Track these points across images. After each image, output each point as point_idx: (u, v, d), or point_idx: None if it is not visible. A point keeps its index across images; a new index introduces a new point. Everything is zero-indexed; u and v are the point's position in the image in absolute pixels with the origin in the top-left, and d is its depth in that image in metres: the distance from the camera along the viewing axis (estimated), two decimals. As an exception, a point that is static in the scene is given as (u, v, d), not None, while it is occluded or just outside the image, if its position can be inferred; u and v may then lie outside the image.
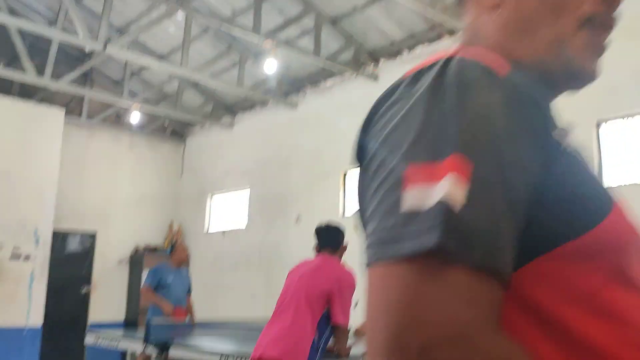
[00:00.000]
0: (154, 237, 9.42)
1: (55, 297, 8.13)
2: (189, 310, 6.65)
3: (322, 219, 7.18)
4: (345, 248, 3.67)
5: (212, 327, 6.22)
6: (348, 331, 3.50)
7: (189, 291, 6.64)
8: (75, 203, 8.64)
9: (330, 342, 3.48)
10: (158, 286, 6.28)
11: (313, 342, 3.13)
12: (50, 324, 7.89)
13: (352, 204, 7.09)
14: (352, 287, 3.36)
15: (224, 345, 4.23)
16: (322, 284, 3.26)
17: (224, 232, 8.79)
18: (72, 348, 8.35)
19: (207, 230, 9.20)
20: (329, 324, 3.24)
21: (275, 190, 8.04)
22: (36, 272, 7.59)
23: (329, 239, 3.63)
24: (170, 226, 9.54)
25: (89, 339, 5.55)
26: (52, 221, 7.84)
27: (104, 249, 8.85)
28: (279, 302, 3.34)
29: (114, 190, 9.10)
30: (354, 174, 5.50)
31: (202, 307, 7.89)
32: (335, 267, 3.45)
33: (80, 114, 8.77)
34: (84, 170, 8.80)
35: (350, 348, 3.63)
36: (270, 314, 3.35)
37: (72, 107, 8.68)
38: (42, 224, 7.71)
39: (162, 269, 6.38)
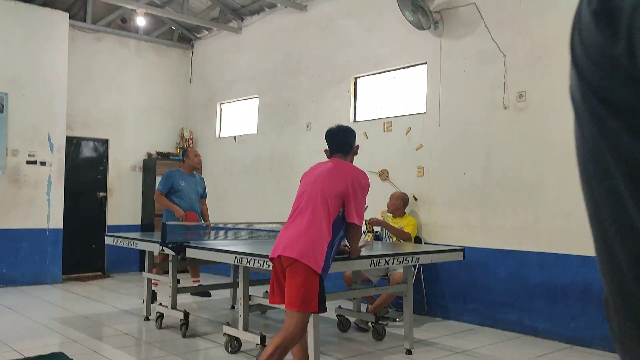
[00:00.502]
0: (166, 143, 9.52)
1: (73, 201, 8.40)
2: (204, 214, 6.84)
3: (333, 124, 7.20)
4: (356, 151, 3.66)
5: (225, 230, 6.44)
6: (361, 231, 3.56)
7: (203, 196, 6.80)
8: (86, 110, 8.68)
9: (343, 242, 3.60)
10: (171, 191, 6.44)
11: (332, 241, 3.21)
12: (70, 226, 8.21)
13: (362, 110, 7.06)
14: (366, 188, 3.39)
15: (237, 247, 4.40)
16: (338, 184, 3.27)
17: (235, 137, 8.85)
18: (92, 248, 8.74)
19: (219, 136, 9.27)
20: (344, 225, 3.31)
21: (285, 98, 7.98)
22: (53, 177, 7.80)
23: (340, 142, 3.59)
24: (182, 133, 9.61)
25: (109, 240, 5.79)
26: (64, 127, 7.94)
27: (117, 156, 9.00)
28: (295, 205, 3.38)
29: (123, 98, 9.09)
30: (367, 80, 5.48)
31: (215, 212, 8.12)
32: (350, 167, 3.45)
33: (84, 19, 8.57)
34: (93, 77, 8.75)
35: (361, 248, 3.75)
36: (281, 218, 3.45)
37: (75, 11, 8.47)
38: (54, 130, 7.81)
39: (174, 175, 6.50)
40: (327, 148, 3.65)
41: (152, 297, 5.86)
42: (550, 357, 4.46)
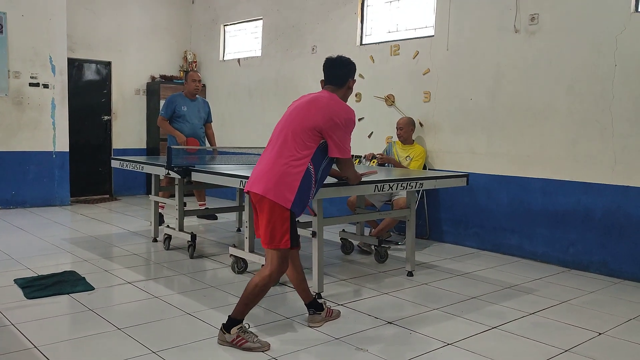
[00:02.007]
0: (169, 66, 9.38)
1: (78, 124, 8.40)
2: (209, 138, 6.82)
3: (339, 48, 7.05)
4: (351, 85, 3.44)
5: (231, 155, 6.46)
6: (351, 161, 3.43)
7: (208, 120, 6.75)
8: (87, 31, 8.49)
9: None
10: (173, 116, 6.40)
11: (309, 175, 3.04)
12: (76, 149, 8.26)
13: (369, 33, 6.87)
14: (349, 123, 3.22)
15: (242, 171, 4.43)
16: (313, 117, 3.09)
17: (239, 59, 8.69)
18: (99, 171, 8.82)
19: (223, 59, 9.10)
20: (326, 157, 3.16)
21: (290, 19, 7.76)
22: (57, 100, 7.75)
23: (334, 74, 3.36)
24: (185, 55, 9.43)
25: (115, 164, 5.82)
26: (65, 49, 7.79)
27: (120, 79, 8.89)
28: (271, 135, 3.26)
29: (125, 19, 8.86)
30: (374, 1, 5.29)
31: (219, 136, 8.12)
32: (331, 101, 3.21)
33: None
34: (92, -4, 8.51)
35: (361, 176, 3.74)
36: None
37: None
38: (55, 51, 7.68)
39: (176, 100, 6.43)
40: (325, 80, 3.43)
41: (160, 219, 5.97)
42: (547, 279, 4.58)
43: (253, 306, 3.08)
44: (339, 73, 3.37)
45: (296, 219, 3.11)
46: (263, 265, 3.28)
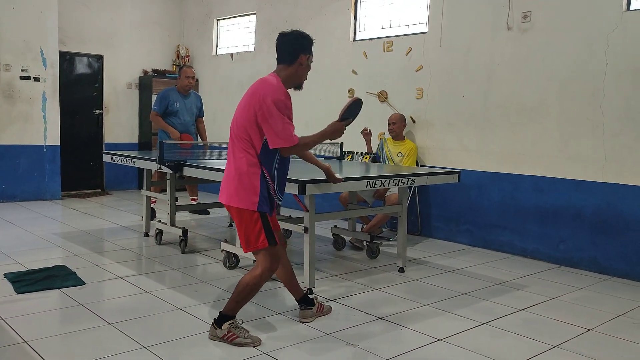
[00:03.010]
0: (162, 60, 9.33)
1: (69, 118, 8.35)
2: (201, 132, 6.79)
3: (332, 44, 7.04)
4: (302, 62, 3.13)
5: (222, 150, 6.44)
6: (302, 145, 3.05)
7: (200, 114, 6.71)
8: (79, 25, 8.43)
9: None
10: (166, 112, 6.34)
11: (264, 175, 2.93)
12: (68, 143, 8.21)
13: (362, 29, 6.86)
14: (279, 104, 2.89)
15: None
16: (245, 112, 2.93)
17: (232, 54, 8.66)
18: (91, 166, 8.78)
19: (216, 53, 9.06)
20: (279, 150, 2.97)
21: (283, 14, 7.74)
22: (48, 93, 7.70)
23: (282, 49, 3.07)
24: (177, 50, 9.39)
25: (107, 158, 5.80)
26: (56, 42, 7.74)
27: (112, 72, 8.83)
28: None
29: (117, 12, 8.81)
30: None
31: (211, 131, 8.09)
32: (259, 87, 2.96)
33: None
34: (84, -12, 8.44)
35: (316, 160, 3.47)
36: None
37: None
38: (46, 44, 7.62)
39: (169, 95, 6.37)
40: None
41: (151, 214, 5.95)
42: (537, 276, 4.61)
43: (244, 304, 3.08)
44: (288, 49, 3.08)
45: (270, 216, 3.02)
46: (254, 261, 3.27)
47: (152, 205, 6.22)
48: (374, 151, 6.07)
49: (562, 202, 5.01)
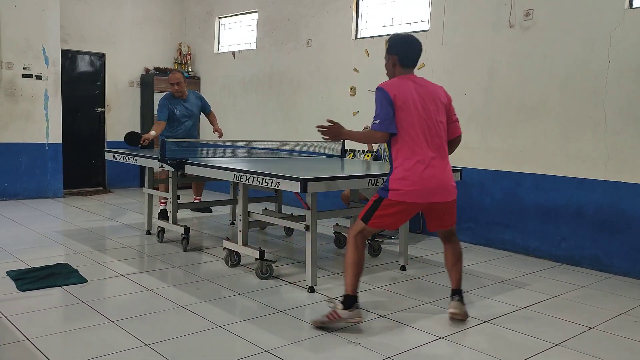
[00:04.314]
0: (163, 58, 9.34)
1: (71, 116, 8.36)
2: (213, 124, 6.61)
3: (334, 42, 7.04)
4: (389, 61, 3.51)
5: (224, 148, 6.45)
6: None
7: (207, 111, 6.55)
8: (81, 23, 8.44)
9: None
10: (169, 119, 6.19)
11: None
12: (70, 141, 8.22)
13: (364, 27, 6.86)
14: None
15: (236, 165, 4.42)
16: (443, 111, 3.40)
17: (234, 52, 8.66)
18: (93, 164, 8.79)
19: (217, 51, 9.07)
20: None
21: (285, 12, 7.74)
22: (50, 91, 7.71)
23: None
24: (179, 47, 9.39)
25: (108, 156, 5.80)
26: (58, 40, 7.75)
27: (113, 70, 8.84)
28: (419, 125, 3.29)
29: (119, 11, 8.81)
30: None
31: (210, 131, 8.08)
32: (438, 87, 3.46)
33: None
34: (86, -13, 8.44)
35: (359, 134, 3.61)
36: (281, 136, 3.31)
37: None
38: (48, 42, 7.63)
39: (168, 102, 6.16)
40: (407, 61, 3.40)
41: (164, 215, 5.94)
42: (539, 274, 4.61)
43: None
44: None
45: None
46: (453, 243, 3.56)
47: (162, 207, 6.21)
48: (375, 149, 6.06)
49: (563, 200, 5.01)
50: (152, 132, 5.95)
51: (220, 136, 6.32)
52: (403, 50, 3.39)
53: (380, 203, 3.22)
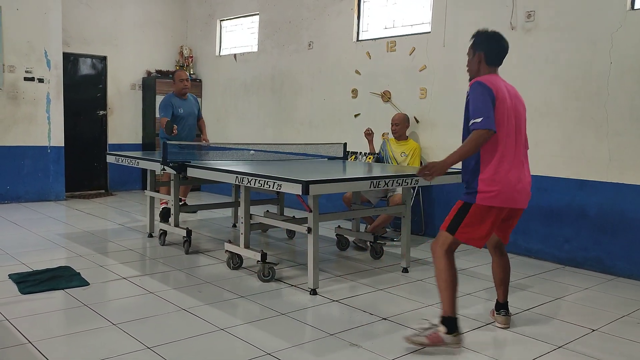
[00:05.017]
0: (165, 61, 9.35)
1: (73, 119, 8.37)
2: (202, 129, 6.74)
3: (335, 44, 7.04)
4: (476, 58, 3.24)
5: (226, 150, 6.45)
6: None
7: (199, 116, 6.70)
8: (82, 26, 8.46)
9: None
10: (172, 118, 6.30)
11: None
12: (72, 144, 8.23)
13: (365, 29, 6.86)
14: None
15: (238, 167, 4.42)
16: (524, 118, 3.43)
17: (235, 55, 8.67)
18: (95, 166, 8.80)
19: (219, 54, 9.07)
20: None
21: (286, 15, 7.74)
22: (52, 94, 7.72)
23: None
24: (181, 50, 9.40)
25: (110, 159, 5.80)
26: (60, 43, 7.76)
27: (115, 73, 8.85)
28: (512, 138, 3.15)
29: (120, 13, 8.83)
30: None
31: (215, 132, 8.11)
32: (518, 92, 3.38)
33: None
34: (88, -10, 8.46)
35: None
36: (282, 139, 3.26)
37: None
38: (50, 45, 7.65)
39: (172, 101, 6.31)
40: (494, 59, 3.25)
41: (166, 214, 5.95)
42: (542, 276, 4.60)
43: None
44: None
45: None
46: (505, 255, 3.35)
47: (164, 206, 6.23)
48: (377, 151, 6.06)
49: (566, 202, 5.00)
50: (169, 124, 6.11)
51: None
52: (491, 48, 3.20)
53: (468, 210, 2.96)
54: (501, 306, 3.37)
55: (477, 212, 2.95)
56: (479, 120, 2.88)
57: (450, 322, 2.96)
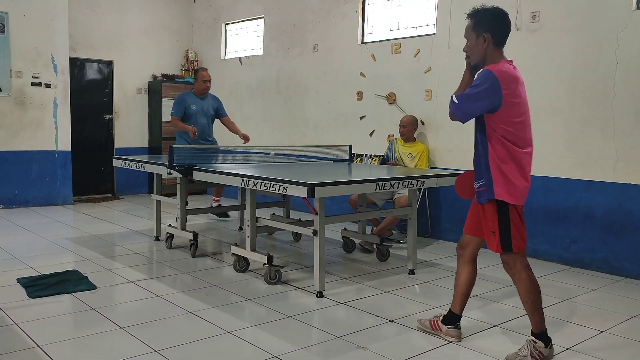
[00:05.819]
0: (171, 65, 9.39)
1: (80, 124, 8.42)
2: (232, 128, 6.75)
3: (340, 46, 7.05)
4: (482, 39, 2.88)
5: (232, 153, 6.47)
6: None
7: (223, 115, 6.74)
8: (89, 31, 8.51)
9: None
10: (184, 116, 6.39)
11: None
12: (79, 149, 8.28)
13: (370, 31, 6.87)
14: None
15: (244, 170, 4.43)
16: None
17: (240, 58, 8.70)
18: (101, 171, 8.84)
19: (224, 57, 9.11)
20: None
21: (291, 18, 7.76)
22: (59, 99, 7.77)
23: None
24: (186, 54, 9.44)
25: (117, 163, 5.83)
26: (67, 48, 7.81)
27: (122, 78, 8.90)
28: (528, 129, 3.10)
29: (126, 18, 8.88)
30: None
31: (221, 135, 8.11)
32: None
33: None
34: (94, -5, 8.52)
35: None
36: (288, 141, 3.21)
37: None
38: (57, 51, 7.70)
39: (186, 98, 6.43)
40: (503, 39, 2.93)
41: (221, 211, 6.39)
42: (549, 277, 4.58)
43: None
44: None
45: None
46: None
47: (217, 204, 6.47)
48: (383, 154, 6.06)
49: (572, 203, 4.98)
50: (189, 127, 6.20)
51: (247, 141, 6.41)
52: (499, 26, 2.86)
53: (508, 214, 2.78)
54: (459, 318, 3.19)
55: (515, 212, 2.82)
56: (456, 101, 2.89)
57: (543, 337, 2.88)
